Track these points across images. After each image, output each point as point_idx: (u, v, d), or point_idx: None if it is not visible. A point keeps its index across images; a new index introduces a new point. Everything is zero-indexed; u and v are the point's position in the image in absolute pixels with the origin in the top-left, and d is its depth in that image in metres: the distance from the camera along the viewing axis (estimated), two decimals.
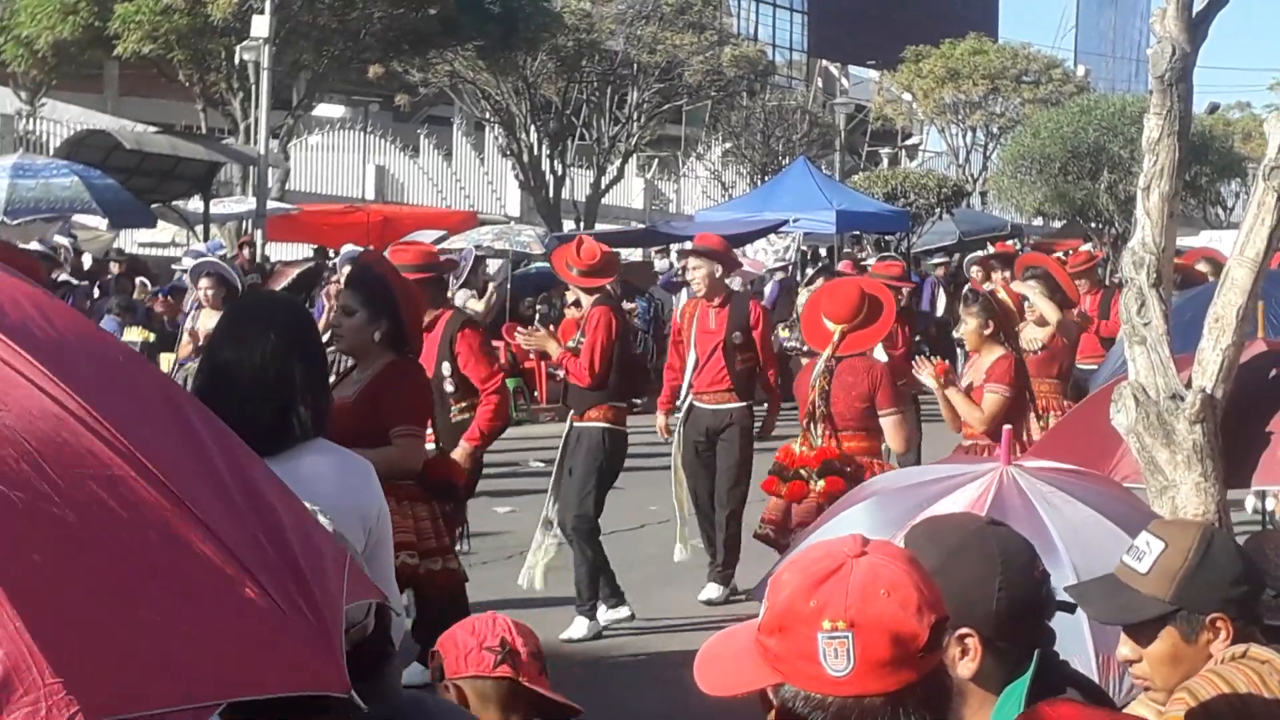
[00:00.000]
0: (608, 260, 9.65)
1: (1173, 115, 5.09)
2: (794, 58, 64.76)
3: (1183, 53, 5.06)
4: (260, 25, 25.54)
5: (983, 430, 8.75)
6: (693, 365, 10.49)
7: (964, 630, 2.77)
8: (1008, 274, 13.57)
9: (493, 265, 27.19)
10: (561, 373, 10.10)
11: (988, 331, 8.97)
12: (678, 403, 10.75)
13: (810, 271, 26.16)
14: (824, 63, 62.40)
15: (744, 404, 10.49)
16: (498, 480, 13.11)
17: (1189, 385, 4.90)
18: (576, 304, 10.65)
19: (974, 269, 20.95)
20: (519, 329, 9.48)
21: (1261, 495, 12.95)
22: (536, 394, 19.34)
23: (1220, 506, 4.88)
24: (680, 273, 21.26)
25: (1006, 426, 5.24)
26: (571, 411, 9.67)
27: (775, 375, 11.05)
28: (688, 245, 11.11)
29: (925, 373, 9.00)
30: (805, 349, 14.87)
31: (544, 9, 32.09)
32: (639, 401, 10.43)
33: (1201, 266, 13.55)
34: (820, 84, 58.43)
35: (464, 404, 8.68)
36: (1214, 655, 3.29)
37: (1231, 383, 4.90)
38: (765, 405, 11.08)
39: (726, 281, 11.09)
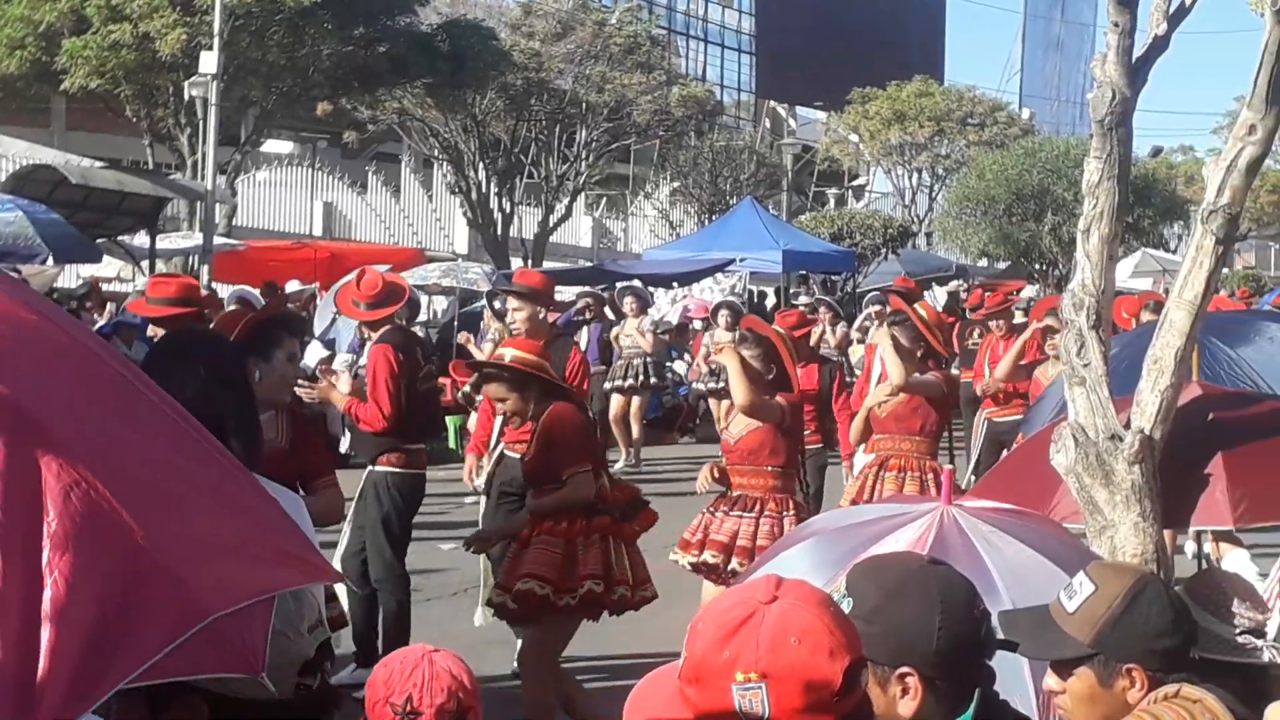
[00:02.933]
0: (390, 289, 9.28)
1: (1113, 159, 5.14)
2: (742, 98, 65.07)
3: (1123, 97, 5.12)
4: (208, 61, 25.42)
5: (745, 403, 8.51)
6: None
7: (904, 669, 2.79)
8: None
9: (440, 302, 27.19)
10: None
11: (770, 377, 8.72)
12: (490, 449, 9.73)
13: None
14: (771, 103, 62.72)
15: None
16: (442, 516, 13.08)
17: (1128, 426, 4.95)
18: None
19: (873, 308, 20.07)
20: (316, 384, 9.00)
21: (1199, 538, 13.01)
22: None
23: (1159, 546, 4.93)
24: (583, 311, 19.97)
25: (949, 467, 5.27)
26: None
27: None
28: (515, 285, 10.15)
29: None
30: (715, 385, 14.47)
31: (493, 47, 32.05)
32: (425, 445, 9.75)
33: (1145, 316, 13.42)
34: (768, 124, 58.74)
35: None
36: (1130, 702, 3.32)
37: (1169, 424, 4.95)
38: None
39: (549, 322, 10.29)
